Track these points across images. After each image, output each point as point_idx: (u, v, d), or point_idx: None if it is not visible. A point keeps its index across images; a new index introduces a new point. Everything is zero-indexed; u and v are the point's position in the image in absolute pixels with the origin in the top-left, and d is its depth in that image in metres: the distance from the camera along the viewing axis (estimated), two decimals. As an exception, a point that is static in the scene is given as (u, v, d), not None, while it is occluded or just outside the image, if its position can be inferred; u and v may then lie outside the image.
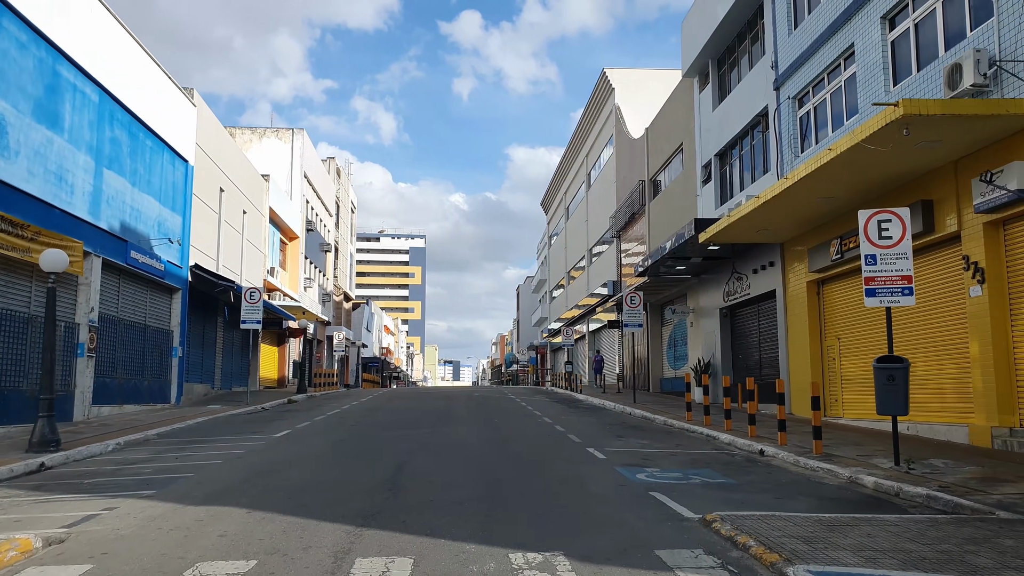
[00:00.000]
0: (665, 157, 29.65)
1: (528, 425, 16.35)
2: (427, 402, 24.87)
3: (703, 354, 24.46)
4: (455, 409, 21.30)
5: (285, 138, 42.70)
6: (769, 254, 19.64)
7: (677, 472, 9.76)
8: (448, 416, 18.72)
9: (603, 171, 42.81)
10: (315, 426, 16.28)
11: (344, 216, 58.15)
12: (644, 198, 32.45)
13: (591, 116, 45.15)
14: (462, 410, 20.95)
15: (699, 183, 25.39)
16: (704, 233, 18.44)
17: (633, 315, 23.74)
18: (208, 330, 28.06)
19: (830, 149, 12.09)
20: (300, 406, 23.83)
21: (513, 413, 19.96)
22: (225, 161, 28.46)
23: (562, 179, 57.75)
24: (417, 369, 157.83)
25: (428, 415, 19.06)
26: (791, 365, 18.54)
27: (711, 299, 24.27)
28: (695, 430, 15.36)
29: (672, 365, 29.97)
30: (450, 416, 18.74)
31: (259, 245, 33.91)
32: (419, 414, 19.52)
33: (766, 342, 20.69)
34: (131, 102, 20.23)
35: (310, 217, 45.18)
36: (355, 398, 28.40)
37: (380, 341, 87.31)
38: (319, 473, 9.73)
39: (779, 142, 19.04)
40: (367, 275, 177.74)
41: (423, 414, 19.47)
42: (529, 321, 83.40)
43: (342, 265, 57.12)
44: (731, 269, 22.32)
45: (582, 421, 17.58)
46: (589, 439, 13.56)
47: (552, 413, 19.99)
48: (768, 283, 19.82)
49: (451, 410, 20.90)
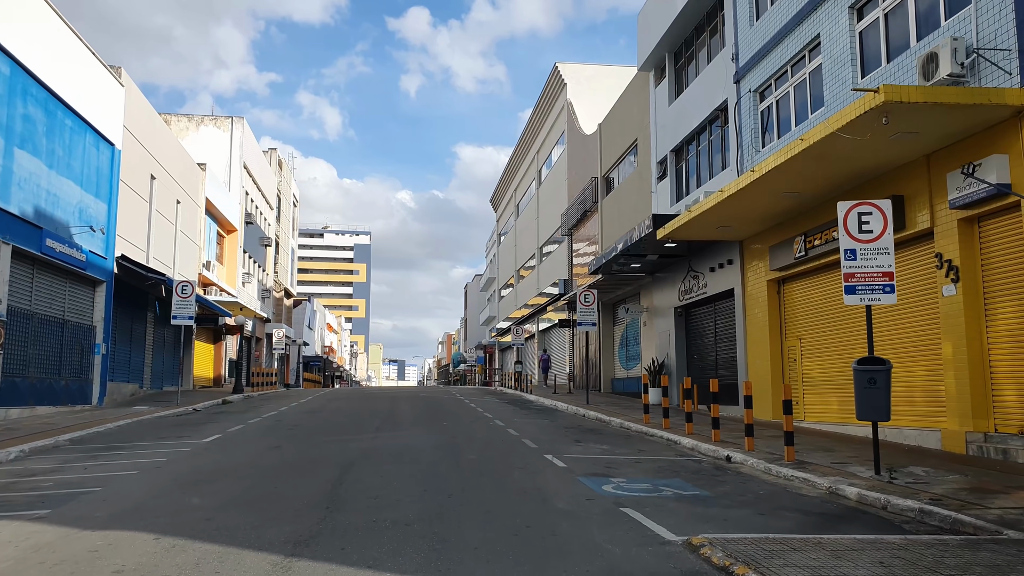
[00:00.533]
0: (619, 153, 29.07)
1: (479, 428, 15.43)
2: (371, 403, 23.73)
3: (657, 354, 23.90)
4: (401, 411, 20.25)
5: (224, 127, 40.86)
6: (728, 252, 19.12)
7: (645, 483, 8.96)
8: (394, 419, 17.67)
9: (554, 168, 42.14)
10: (249, 430, 15.06)
11: (286, 210, 56.28)
12: (597, 195, 31.84)
13: (542, 111, 44.43)
14: (408, 412, 19.91)
15: (654, 180, 24.83)
16: (663, 229, 17.80)
17: (587, 314, 23.02)
18: (137, 326, 26.35)
19: (802, 139, 11.49)
20: (235, 407, 22.44)
21: (462, 415, 19.01)
22: (157, 147, 26.78)
23: (512, 176, 56.96)
24: (361, 368, 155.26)
25: (372, 418, 17.98)
26: (750, 366, 18.03)
27: (666, 298, 23.72)
28: (654, 434, 14.66)
29: (624, 365, 29.40)
30: (396, 419, 17.69)
31: (194, 237, 32.19)
32: (363, 417, 18.41)
33: (723, 342, 20.19)
34: (48, 77, 18.60)
35: (249, 209, 43.38)
36: (295, 399, 27.06)
37: (323, 339, 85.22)
38: (248, 486, 8.64)
39: (739, 137, 18.53)
40: (310, 272, 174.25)
41: (367, 417, 18.38)
42: (477, 320, 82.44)
43: (283, 260, 55.25)
44: (687, 267, 21.78)
45: (536, 424, 16.74)
46: (546, 444, 12.71)
47: (504, 415, 19.11)
48: (726, 282, 19.30)
49: (397, 412, 19.84)
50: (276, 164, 52.93)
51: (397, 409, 20.85)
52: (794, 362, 16.56)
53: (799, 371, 16.32)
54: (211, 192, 34.51)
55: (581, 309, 23.01)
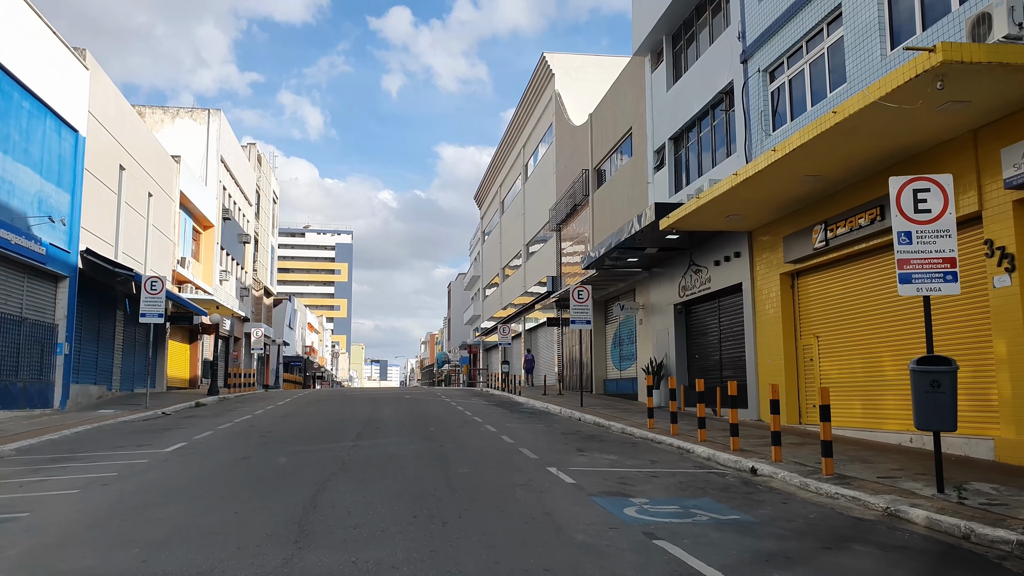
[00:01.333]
0: (611, 144, 27.84)
1: (470, 435, 14.11)
2: (352, 406, 22.33)
3: (655, 354, 22.68)
4: (383, 415, 18.88)
5: (200, 119, 39.25)
6: (734, 244, 17.93)
7: (672, 503, 7.69)
8: (376, 424, 16.31)
9: (541, 162, 40.87)
10: (217, 437, 13.65)
11: (265, 206, 54.63)
12: (587, 188, 30.60)
13: (529, 104, 43.16)
14: (391, 416, 18.56)
15: (650, 170, 23.62)
16: (666, 219, 16.56)
17: (581, 311, 21.77)
18: (105, 325, 24.78)
19: (835, 111, 10.27)
20: (208, 410, 20.98)
21: (450, 420, 17.68)
22: (126, 136, 25.21)
23: (497, 172, 55.65)
24: (343, 369, 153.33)
25: (352, 422, 16.61)
26: (761, 367, 16.83)
27: (664, 294, 22.51)
28: (662, 441, 13.42)
29: (618, 365, 28.19)
30: (378, 424, 16.33)
31: (168, 232, 30.62)
32: (342, 421, 17.04)
33: (729, 341, 18.99)
34: (1, 53, 17.08)
35: (227, 205, 41.77)
36: (272, 400, 25.61)
37: (303, 339, 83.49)
38: (204, 510, 7.28)
39: (747, 120, 17.33)
40: (292, 271, 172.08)
41: (347, 421, 17.00)
42: (461, 319, 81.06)
43: (263, 258, 53.62)
44: (688, 262, 20.57)
45: (530, 430, 15.45)
46: (546, 454, 11.42)
47: (494, 419, 17.80)
48: (732, 276, 18.10)
49: (379, 416, 18.48)
50: (255, 159, 51.30)
51: (379, 412, 19.48)
52: (810, 362, 15.37)
53: (816, 372, 15.13)
54: (186, 186, 32.94)
55: (575, 306, 21.75)
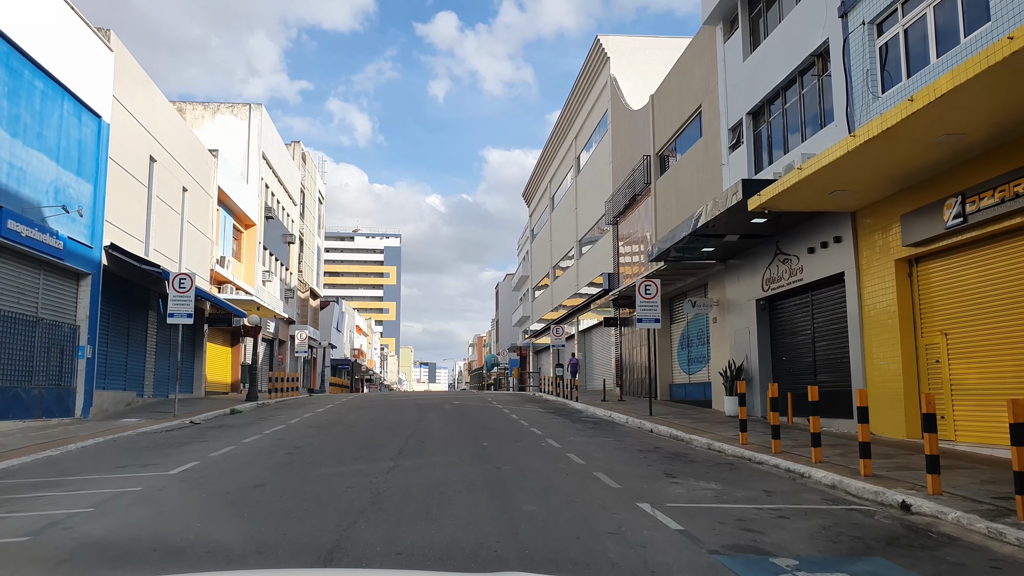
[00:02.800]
0: (677, 126, 25.41)
1: (530, 453, 11.93)
2: (396, 413, 20.38)
3: (733, 356, 20.19)
4: (429, 425, 16.84)
5: (242, 114, 37.95)
6: (834, 227, 15.40)
7: (836, 570, 5.39)
8: (420, 436, 14.25)
9: (595, 153, 38.54)
10: (238, 454, 11.74)
11: (311, 207, 53.37)
12: (649, 176, 28.19)
13: (581, 92, 40.87)
14: (439, 426, 16.50)
15: (725, 150, 21.16)
16: (756, 197, 14.14)
17: (648, 308, 19.42)
18: (136, 326, 23.31)
19: (1010, 37, 7.83)
20: (241, 419, 19.26)
21: (504, 431, 15.54)
22: (158, 125, 23.73)
23: (547, 167, 53.46)
24: (392, 371, 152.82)
25: (394, 435, 14.59)
26: (869, 370, 14.29)
27: (743, 289, 20.02)
28: (764, 462, 11.06)
29: (686, 369, 25.71)
30: (423, 436, 14.27)
31: (205, 230, 29.19)
32: (382, 432, 15.03)
33: (825, 340, 16.45)
34: (11, 28, 15.55)
35: (270, 203, 40.42)
36: (313, 406, 23.84)
37: (352, 342, 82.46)
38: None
39: (848, 83, 14.81)
40: (341, 275, 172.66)
41: (387, 432, 14.99)
42: (509, 321, 79.03)
43: (308, 259, 52.35)
44: (774, 250, 18.07)
45: (599, 445, 13.20)
46: (628, 481, 9.18)
47: (554, 431, 15.60)
48: (831, 264, 15.57)
49: (425, 426, 16.44)
50: (299, 158, 50.03)
51: (425, 422, 17.45)
52: (936, 364, 12.80)
53: (945, 376, 12.56)
54: (225, 182, 31.53)
55: (642, 303, 19.41)
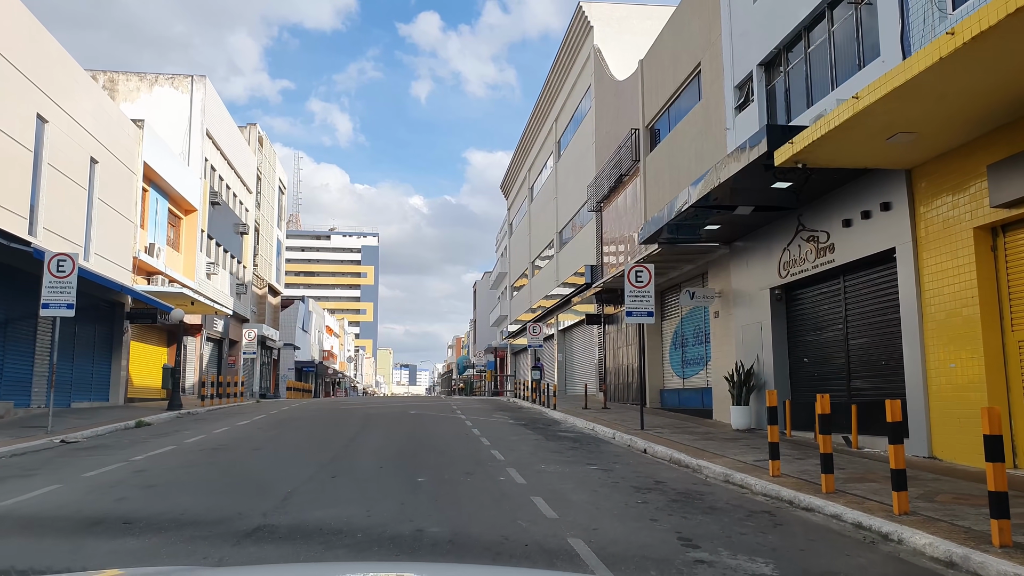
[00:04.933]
0: (671, 92, 21.95)
1: (481, 497, 8.32)
2: (331, 428, 16.70)
3: (741, 357, 16.71)
4: (362, 446, 13.20)
5: (183, 87, 34.02)
6: (879, 191, 11.95)
7: None
8: (339, 465, 10.61)
9: (578, 134, 35.05)
10: (50, 500, 8.05)
11: (269, 195, 49.39)
12: (637, 152, 24.72)
13: (562, 68, 37.38)
14: (373, 447, 12.86)
15: (730, 112, 17.70)
16: (788, 147, 10.62)
17: (640, 299, 15.91)
18: (18, 321, 19.40)
19: None
20: (138, 434, 15.52)
21: (456, 456, 11.93)
22: (48, 78, 19.74)
23: (525, 155, 49.92)
24: (367, 374, 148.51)
25: (304, 462, 10.92)
26: (932, 375, 10.84)
27: (753, 276, 16.55)
28: (817, 508, 7.56)
29: (680, 373, 22.22)
30: (343, 465, 10.63)
31: (126, 212, 25.31)
32: (290, 459, 11.37)
33: (863, 336, 12.99)
34: None
35: (216, 188, 36.51)
36: (241, 417, 20.09)
37: (321, 343, 78.40)
38: None
39: (904, 4, 11.35)
40: (316, 275, 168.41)
41: (297, 459, 11.33)
42: (487, 321, 75.43)
43: (266, 252, 48.39)
44: (795, 226, 14.60)
45: (581, 479, 9.63)
46: (629, 553, 5.63)
47: (521, 454, 12.01)
48: (875, 239, 12.11)
49: (354, 448, 12.79)
50: (256, 141, 46.10)
51: (359, 441, 13.79)
52: (1038, 368, 9.38)
53: (1054, 384, 9.14)
54: (155, 159, 27.64)
55: (632, 293, 15.90)
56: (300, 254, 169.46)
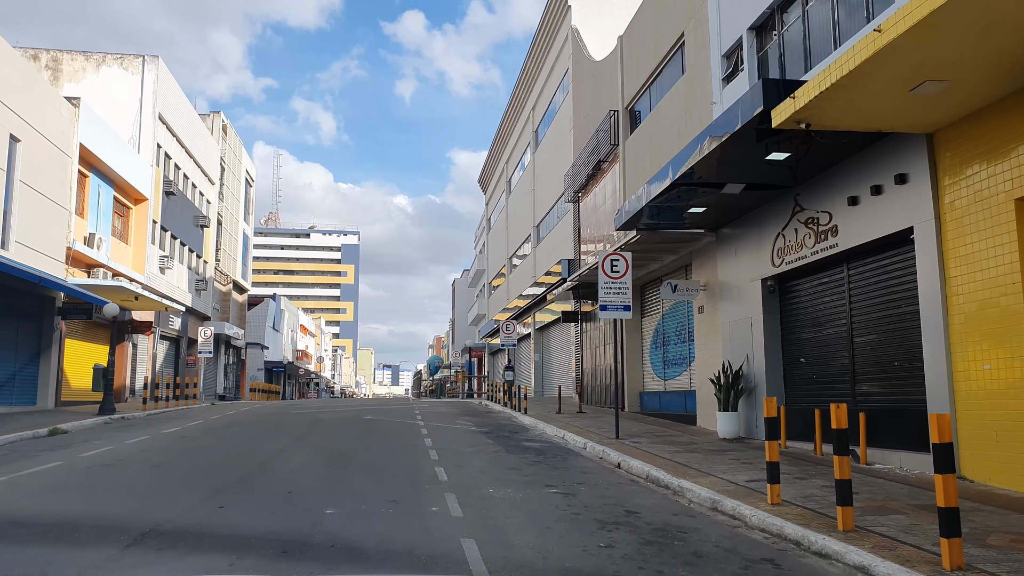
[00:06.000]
0: (652, 67, 20.13)
1: (396, 539, 6.39)
2: (264, 438, 14.70)
3: (728, 357, 14.87)
4: (289, 459, 11.25)
5: (133, 68, 31.81)
6: (893, 161, 10.14)
7: None
8: (246, 485, 8.65)
9: (555, 121, 33.19)
10: None
11: (234, 187, 47.13)
12: (616, 136, 22.89)
13: (539, 54, 35.51)
14: (299, 463, 10.91)
15: (716, 84, 15.89)
16: (790, 102, 8.77)
17: (615, 291, 14.05)
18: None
19: None
20: (40, 445, 13.45)
21: (391, 476, 10.01)
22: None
23: (503, 146, 48.02)
24: (347, 375, 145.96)
25: (204, 483, 8.94)
26: (960, 377, 9.03)
27: (743, 266, 14.73)
28: (835, 555, 5.70)
29: (660, 374, 20.38)
30: (253, 485, 8.67)
31: (59, 198, 23.11)
32: (188, 479, 9.37)
33: (872, 332, 11.18)
34: None
35: (172, 177, 34.32)
36: (181, 421, 18.04)
37: (295, 343, 76.07)
38: None
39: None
40: (296, 273, 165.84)
41: (197, 479, 9.34)
42: (466, 320, 73.47)
43: (230, 247, 46.14)
44: (791, 207, 12.79)
45: (532, 507, 7.72)
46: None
47: (470, 473, 10.09)
48: (888, 218, 10.30)
49: (278, 462, 10.84)
50: (219, 130, 43.88)
51: (285, 456, 11.82)
52: (1100, 370, 7.58)
53: (1122, 391, 7.35)
54: (95, 142, 25.46)
55: (607, 285, 14.03)
56: (279, 252, 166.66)
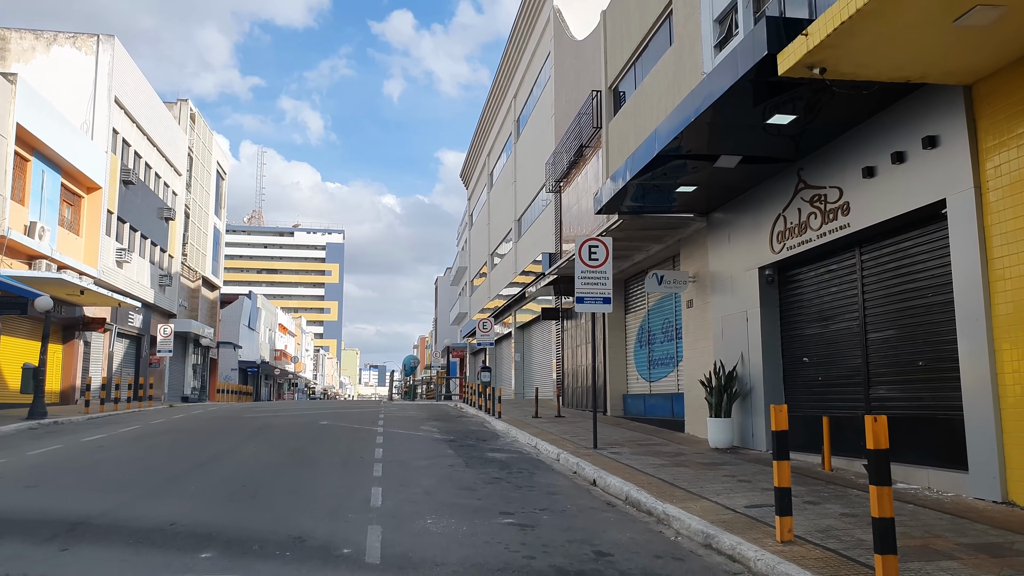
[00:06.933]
0: (637, 42, 18.48)
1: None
2: (194, 447, 12.91)
3: (721, 356, 13.21)
4: (206, 476, 9.50)
5: (87, 48, 29.86)
6: (920, 122, 8.50)
7: None
8: (130, 511, 6.91)
9: (537, 108, 31.52)
10: None
11: (203, 179, 45.12)
12: (599, 118, 21.23)
13: (520, 38, 33.81)
14: (215, 481, 9.17)
15: (708, 53, 14.24)
16: (802, 42, 7.11)
17: (594, 281, 12.38)
18: None
19: None
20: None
21: (312, 500, 8.31)
22: None
23: (484, 138, 46.31)
24: (330, 375, 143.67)
25: (78, 510, 7.19)
26: (1004, 381, 7.39)
27: (737, 254, 13.07)
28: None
29: (645, 375, 18.72)
30: (136, 513, 6.94)
31: (-5, 182, 21.22)
32: (53, 509, 7.62)
33: (889, 327, 9.54)
34: None
35: (130, 165, 32.37)
36: (115, 427, 16.22)
37: (272, 342, 74.01)
38: None
39: None
40: (279, 272, 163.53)
41: (68, 508, 7.58)
42: (448, 319, 71.67)
43: (199, 242, 44.14)
44: (794, 183, 11.13)
45: (479, 550, 6.00)
46: None
47: (413, 497, 8.37)
48: (913, 191, 8.66)
49: (191, 479, 9.09)
50: (187, 119, 41.89)
51: (203, 472, 10.07)
52: None
53: None
54: (37, 123, 23.55)
55: (584, 274, 12.36)
56: (262, 251, 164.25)
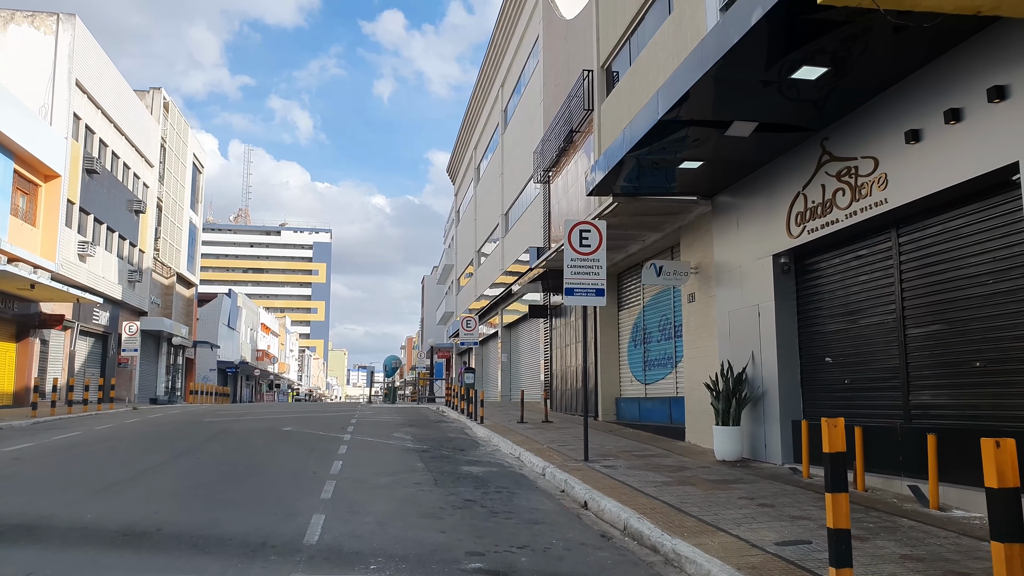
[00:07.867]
0: (633, 13, 16.96)
1: None
2: (131, 459, 11.26)
3: (729, 355, 11.68)
4: (96, 506, 7.91)
5: (46, 27, 28.12)
6: (982, 72, 7.00)
7: None
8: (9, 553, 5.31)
9: (525, 95, 29.98)
10: None
11: (177, 172, 43.31)
12: (591, 100, 19.71)
13: (508, 22, 32.25)
14: (101, 513, 7.58)
15: (711, 18, 12.71)
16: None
17: (584, 270, 10.85)
18: None
19: None
20: None
21: (227, 530, 6.69)
22: None
23: (471, 131, 44.74)
24: (316, 376, 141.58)
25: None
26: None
27: (748, 239, 11.55)
28: None
29: (640, 377, 17.18)
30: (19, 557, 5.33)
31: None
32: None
33: (935, 322, 8.03)
34: None
35: (94, 153, 30.61)
36: (51, 434, 14.53)
37: (254, 342, 72.16)
38: None
39: None
40: (265, 271, 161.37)
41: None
42: (434, 319, 70.03)
43: (172, 237, 42.33)
44: (817, 155, 9.61)
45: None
46: None
47: (363, 527, 6.77)
48: (972, 156, 7.14)
49: (77, 508, 7.50)
50: (160, 108, 40.11)
51: (122, 494, 8.47)
52: None
53: None
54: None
55: (574, 262, 10.82)
56: (248, 250, 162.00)
